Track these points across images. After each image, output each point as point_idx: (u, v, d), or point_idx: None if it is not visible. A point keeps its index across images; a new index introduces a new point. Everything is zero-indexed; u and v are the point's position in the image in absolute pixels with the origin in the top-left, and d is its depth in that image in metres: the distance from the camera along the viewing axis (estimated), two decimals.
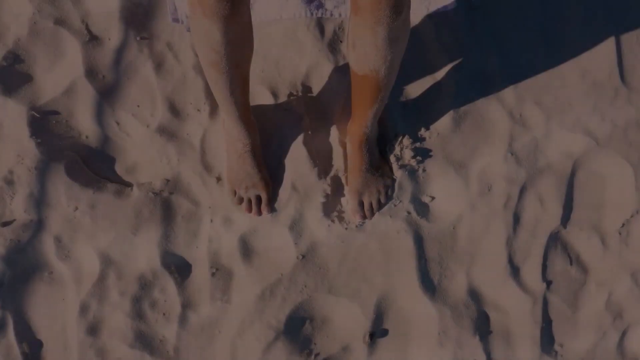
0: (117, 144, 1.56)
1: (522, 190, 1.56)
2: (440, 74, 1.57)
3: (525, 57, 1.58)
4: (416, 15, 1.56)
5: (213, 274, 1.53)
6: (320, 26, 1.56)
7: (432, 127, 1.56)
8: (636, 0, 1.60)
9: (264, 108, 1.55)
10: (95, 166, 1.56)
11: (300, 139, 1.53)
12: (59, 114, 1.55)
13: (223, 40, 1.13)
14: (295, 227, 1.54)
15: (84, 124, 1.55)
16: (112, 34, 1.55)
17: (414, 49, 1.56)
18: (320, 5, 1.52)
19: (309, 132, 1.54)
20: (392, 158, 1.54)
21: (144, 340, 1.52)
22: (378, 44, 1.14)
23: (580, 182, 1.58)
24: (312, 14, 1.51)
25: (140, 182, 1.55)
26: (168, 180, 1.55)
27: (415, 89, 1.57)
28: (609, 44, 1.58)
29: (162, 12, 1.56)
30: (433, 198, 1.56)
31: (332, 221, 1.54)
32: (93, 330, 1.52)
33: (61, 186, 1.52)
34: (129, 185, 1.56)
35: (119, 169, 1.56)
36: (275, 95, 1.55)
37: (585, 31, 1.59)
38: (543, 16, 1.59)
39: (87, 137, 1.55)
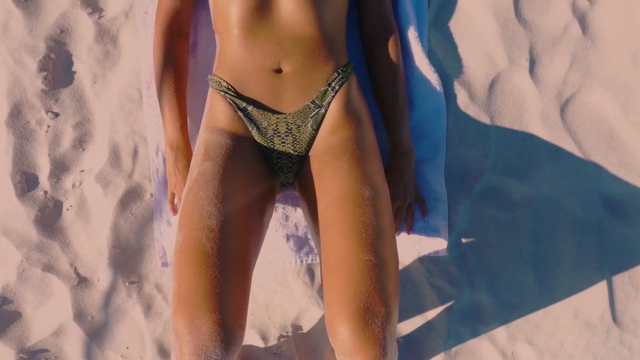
0: None
1: None
2: (432, 314, 1.56)
3: (517, 295, 1.57)
4: (407, 257, 1.55)
5: None
6: (310, 271, 1.55)
7: None
8: (627, 241, 1.58)
9: (253, 350, 1.54)
10: None
11: None
12: (48, 351, 1.54)
13: None
14: None
15: None
16: (101, 275, 1.54)
17: (405, 289, 1.54)
18: (311, 251, 1.50)
19: None
20: None
21: None
22: None
23: None
24: (302, 261, 1.49)
25: None
26: None
27: (405, 328, 1.56)
28: (601, 284, 1.56)
29: (150, 255, 1.55)
30: None
31: None
32: None
33: None
34: None
35: None
36: (264, 338, 1.54)
37: (577, 270, 1.57)
38: (534, 254, 1.58)
39: None
